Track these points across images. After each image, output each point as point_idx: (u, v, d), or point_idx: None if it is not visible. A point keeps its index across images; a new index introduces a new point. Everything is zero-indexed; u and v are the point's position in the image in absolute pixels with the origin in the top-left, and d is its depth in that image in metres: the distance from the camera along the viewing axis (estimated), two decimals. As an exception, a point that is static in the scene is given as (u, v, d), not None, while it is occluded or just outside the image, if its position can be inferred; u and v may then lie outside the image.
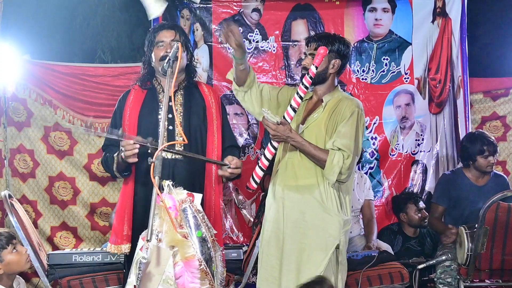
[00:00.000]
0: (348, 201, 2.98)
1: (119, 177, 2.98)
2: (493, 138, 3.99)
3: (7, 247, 2.94)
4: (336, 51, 2.98)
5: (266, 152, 2.89)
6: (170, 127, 2.93)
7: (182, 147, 2.92)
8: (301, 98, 2.87)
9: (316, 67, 2.86)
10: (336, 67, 3.00)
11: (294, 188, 2.93)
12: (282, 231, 2.93)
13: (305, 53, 3.07)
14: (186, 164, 2.92)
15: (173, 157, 2.89)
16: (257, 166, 2.90)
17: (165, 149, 2.63)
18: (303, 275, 2.83)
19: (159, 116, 2.93)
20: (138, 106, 3.00)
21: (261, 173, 2.89)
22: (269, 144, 2.90)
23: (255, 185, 2.92)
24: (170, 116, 2.90)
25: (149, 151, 2.67)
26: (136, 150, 2.71)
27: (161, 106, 2.95)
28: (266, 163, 2.88)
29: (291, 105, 2.87)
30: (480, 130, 4.31)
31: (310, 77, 2.85)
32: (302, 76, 2.95)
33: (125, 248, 2.92)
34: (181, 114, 2.98)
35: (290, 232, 2.91)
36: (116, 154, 2.87)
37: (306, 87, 2.87)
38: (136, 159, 2.75)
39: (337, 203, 2.90)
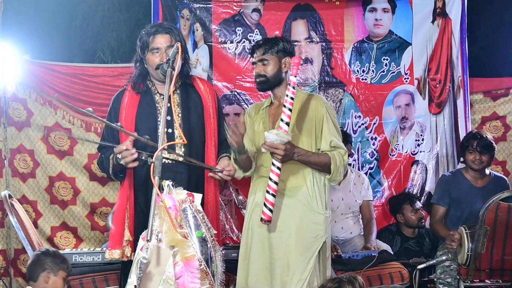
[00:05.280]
0: (329, 197, 3.03)
1: (115, 179, 2.93)
2: (489, 137, 3.88)
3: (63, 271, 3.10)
4: (283, 50, 3.02)
5: (273, 175, 2.76)
6: (170, 130, 2.87)
7: (182, 148, 2.88)
8: (290, 110, 2.76)
9: (295, 76, 2.80)
10: (288, 64, 3.01)
11: (277, 193, 2.86)
12: (267, 237, 2.93)
13: (254, 62, 3.07)
14: (186, 165, 2.88)
15: (174, 161, 2.84)
16: (267, 194, 2.75)
17: (164, 151, 2.59)
18: (289, 277, 2.85)
19: (158, 119, 2.87)
20: (134, 110, 2.92)
21: (273, 200, 2.76)
22: (272, 167, 2.76)
23: (271, 215, 2.76)
24: (168, 118, 2.82)
25: (143, 157, 2.60)
26: (135, 155, 2.64)
27: (158, 109, 2.91)
28: (275, 187, 2.76)
29: (282, 120, 2.76)
30: (480, 130, 4.28)
31: (293, 87, 2.77)
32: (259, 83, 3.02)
33: (128, 252, 2.83)
34: (179, 115, 2.92)
35: (276, 237, 2.91)
36: (111, 156, 2.81)
37: (292, 98, 2.77)
38: (136, 164, 2.69)
39: (321, 201, 2.94)
